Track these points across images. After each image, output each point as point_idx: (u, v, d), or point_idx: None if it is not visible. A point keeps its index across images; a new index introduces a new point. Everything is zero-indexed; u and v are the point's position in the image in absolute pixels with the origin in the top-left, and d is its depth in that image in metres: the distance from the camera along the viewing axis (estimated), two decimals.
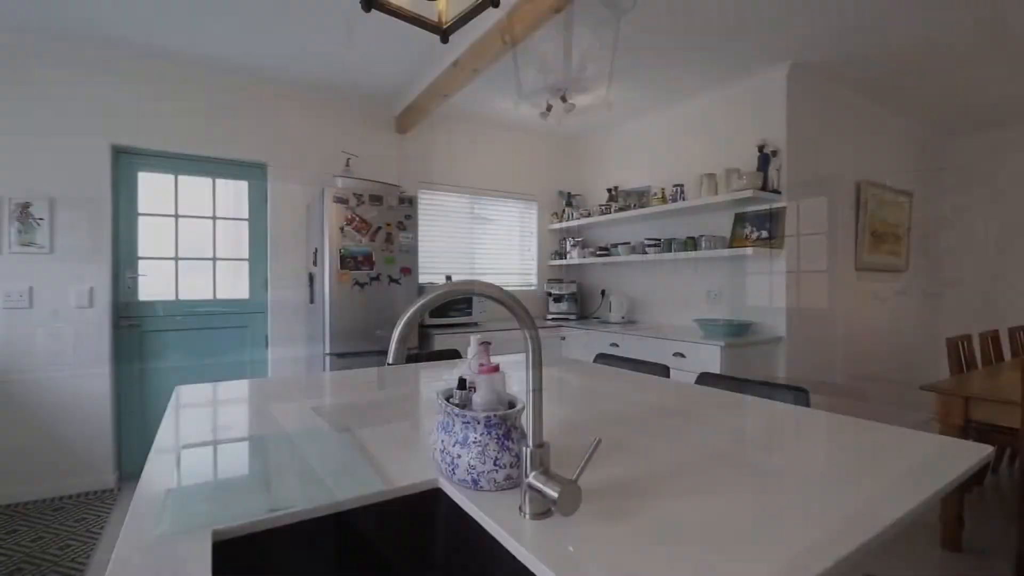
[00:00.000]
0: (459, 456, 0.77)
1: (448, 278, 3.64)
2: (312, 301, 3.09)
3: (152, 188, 2.95)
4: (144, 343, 2.93)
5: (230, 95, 3.09)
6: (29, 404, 2.61)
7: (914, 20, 2.40)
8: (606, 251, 3.80)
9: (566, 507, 0.63)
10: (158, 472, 0.83)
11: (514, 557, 0.64)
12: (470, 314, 3.50)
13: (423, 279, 3.64)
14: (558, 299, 4.07)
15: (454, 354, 2.20)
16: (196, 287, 3.07)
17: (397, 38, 2.61)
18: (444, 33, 1.26)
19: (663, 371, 1.86)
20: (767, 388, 1.52)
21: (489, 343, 0.88)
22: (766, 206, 2.94)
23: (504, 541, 0.64)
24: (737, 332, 2.79)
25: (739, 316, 3.10)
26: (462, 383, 0.86)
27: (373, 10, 1.15)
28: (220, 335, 3.13)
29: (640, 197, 3.53)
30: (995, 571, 2.04)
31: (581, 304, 4.25)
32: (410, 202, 3.06)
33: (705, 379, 1.70)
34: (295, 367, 3.29)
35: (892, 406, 3.74)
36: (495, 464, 0.75)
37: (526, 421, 0.70)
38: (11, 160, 2.57)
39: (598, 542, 0.62)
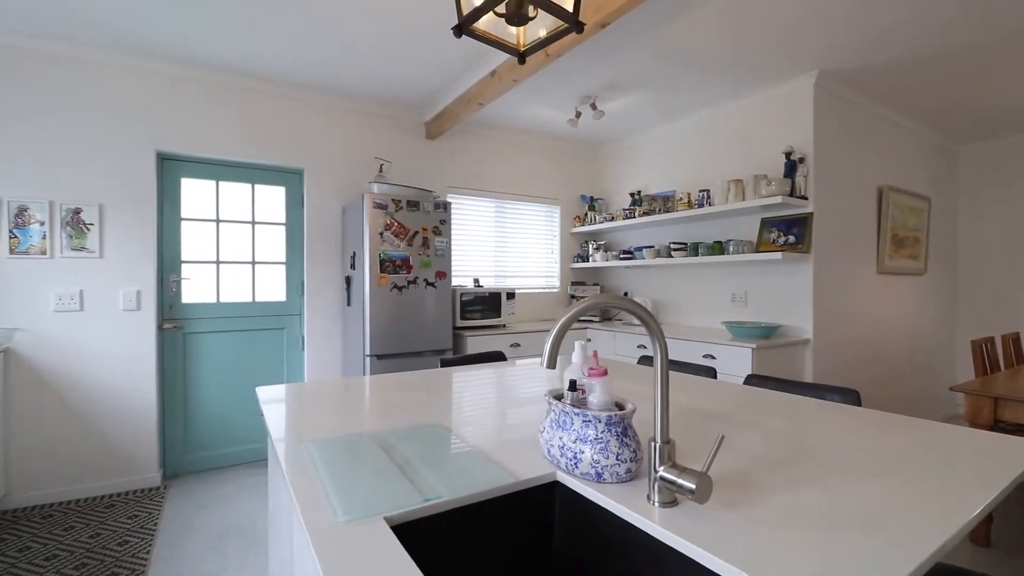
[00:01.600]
0: (581, 452, 0.85)
1: (476, 281, 3.72)
2: (349, 304, 3.17)
3: (194, 194, 3.03)
4: (187, 344, 3.00)
5: (269, 103, 3.17)
6: (79, 404, 2.69)
7: (937, 31, 2.47)
8: (629, 254, 3.87)
9: (702, 496, 0.70)
10: (299, 466, 0.91)
11: (644, 541, 0.72)
12: (499, 316, 3.58)
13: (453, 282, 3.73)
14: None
15: (499, 356, 2.28)
16: (236, 290, 3.15)
17: (434, 48, 2.68)
18: (522, 55, 1.33)
19: (709, 373, 1.94)
20: (817, 389, 1.60)
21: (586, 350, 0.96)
22: (792, 211, 3.02)
23: (644, 527, 0.72)
24: (765, 334, 2.87)
25: (764, 319, 3.18)
26: (572, 385, 0.94)
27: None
28: (258, 337, 3.21)
29: (665, 202, 3.61)
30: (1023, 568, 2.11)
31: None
32: (445, 207, 3.14)
33: (752, 381, 1.78)
34: (331, 368, 3.37)
35: (917, 405, 3.82)
36: (617, 459, 0.83)
37: (654, 419, 0.78)
38: (64, 167, 2.65)
39: (724, 526, 0.69)
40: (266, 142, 3.16)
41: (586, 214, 4.36)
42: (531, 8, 1.21)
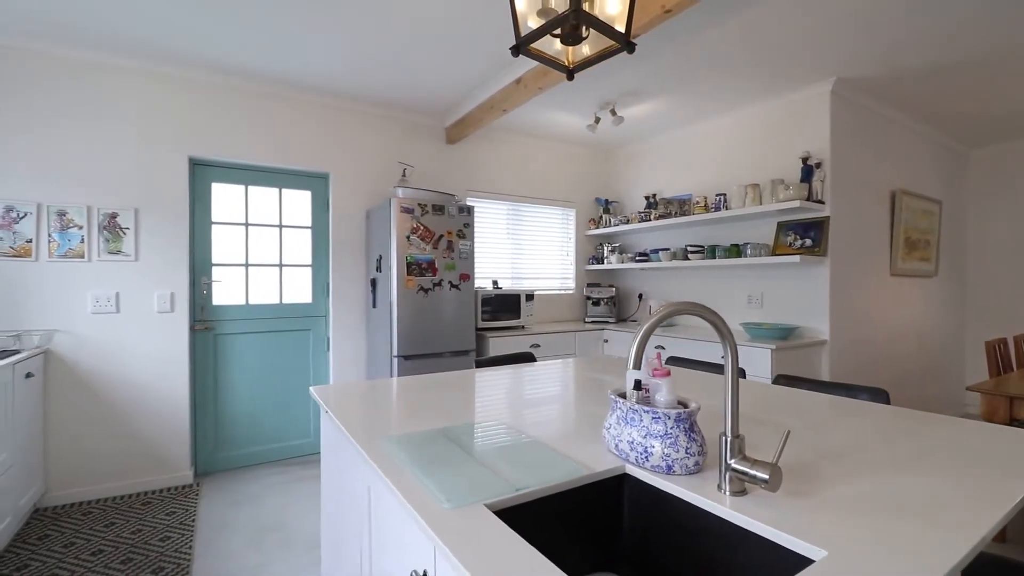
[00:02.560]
0: (652, 447, 0.92)
1: (495, 283, 3.79)
2: (375, 305, 3.24)
3: (225, 198, 3.11)
4: (217, 345, 3.08)
5: (296, 109, 3.25)
6: (115, 403, 2.76)
7: (950, 40, 2.54)
8: (645, 257, 3.94)
9: (774, 485, 0.77)
10: (385, 460, 0.98)
11: (715, 527, 0.79)
12: (519, 317, 3.65)
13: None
14: (596, 303, 4.22)
15: (529, 357, 2.34)
16: (264, 292, 3.22)
17: (461, 56, 2.75)
18: (571, 72, 1.40)
19: (739, 373, 2.00)
20: (848, 389, 1.67)
21: (661, 347, 1.03)
22: (809, 215, 3.09)
23: (722, 514, 0.79)
24: (783, 336, 2.93)
25: (779, 320, 3.25)
26: (638, 384, 1.01)
27: (509, 51, 1.29)
28: (285, 338, 3.28)
29: (681, 205, 3.68)
30: None
31: (618, 308, 4.40)
32: (468, 211, 3.21)
33: (781, 381, 1.84)
34: (356, 369, 3.44)
35: (929, 405, 3.88)
36: (687, 452, 0.90)
37: (724, 415, 0.85)
38: (100, 173, 2.72)
39: (794, 512, 0.76)
40: (293, 147, 3.24)
41: (601, 217, 4.43)
42: (584, 28, 1.28)
